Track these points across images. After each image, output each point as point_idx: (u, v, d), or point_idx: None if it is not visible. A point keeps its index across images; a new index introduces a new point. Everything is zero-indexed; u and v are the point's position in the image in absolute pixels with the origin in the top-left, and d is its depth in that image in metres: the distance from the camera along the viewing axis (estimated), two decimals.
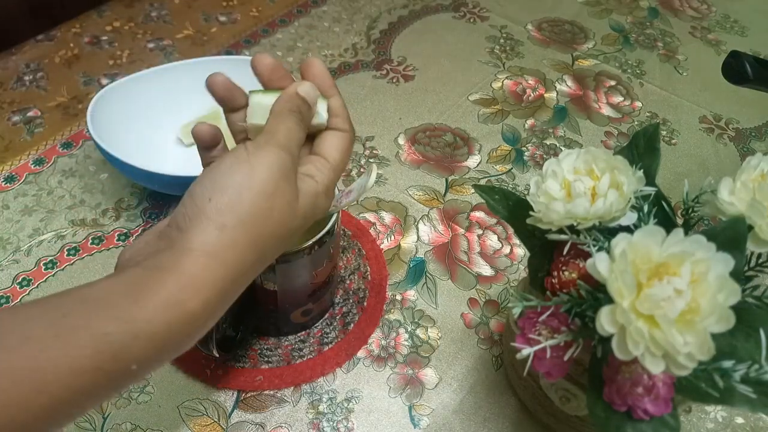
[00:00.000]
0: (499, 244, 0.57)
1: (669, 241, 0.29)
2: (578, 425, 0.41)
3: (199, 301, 0.28)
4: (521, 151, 0.66)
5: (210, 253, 0.28)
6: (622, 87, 0.76)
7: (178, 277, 0.27)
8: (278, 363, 0.48)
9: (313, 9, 0.83)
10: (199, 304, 0.28)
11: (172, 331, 0.27)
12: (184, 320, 0.27)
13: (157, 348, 0.27)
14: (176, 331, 0.27)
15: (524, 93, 0.74)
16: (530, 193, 0.35)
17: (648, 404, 0.30)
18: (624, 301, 0.28)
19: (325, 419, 0.45)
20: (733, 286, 0.27)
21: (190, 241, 0.28)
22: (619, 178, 0.33)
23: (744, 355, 0.30)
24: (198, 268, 0.28)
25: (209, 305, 0.28)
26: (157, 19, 0.79)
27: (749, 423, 0.47)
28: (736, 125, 0.72)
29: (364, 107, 0.69)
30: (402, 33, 0.80)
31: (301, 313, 0.47)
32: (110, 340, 0.25)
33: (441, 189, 0.62)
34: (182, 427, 0.44)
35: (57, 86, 0.69)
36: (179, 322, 0.27)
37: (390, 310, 0.52)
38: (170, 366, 0.47)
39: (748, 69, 0.49)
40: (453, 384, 0.48)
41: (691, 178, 0.65)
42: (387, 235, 0.57)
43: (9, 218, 0.56)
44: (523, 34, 0.82)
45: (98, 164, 0.61)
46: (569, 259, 0.34)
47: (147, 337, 0.26)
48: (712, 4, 0.92)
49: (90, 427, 0.44)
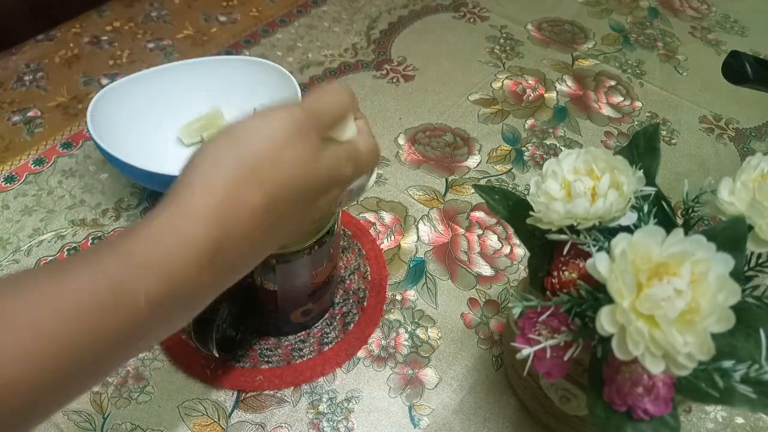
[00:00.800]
0: (499, 244, 0.57)
1: (669, 241, 0.29)
2: (578, 425, 0.42)
3: (195, 225, 0.26)
4: (521, 151, 0.66)
5: (205, 182, 0.27)
6: (622, 87, 0.76)
7: (171, 205, 0.27)
8: (278, 363, 0.48)
9: (313, 9, 0.83)
10: (196, 229, 0.26)
11: (174, 260, 0.26)
12: (183, 246, 0.26)
13: (162, 280, 0.25)
14: (180, 261, 0.26)
15: (524, 93, 0.74)
16: (530, 193, 0.35)
17: (648, 404, 0.30)
18: (624, 301, 0.28)
19: (325, 419, 0.45)
20: (733, 286, 0.27)
21: (187, 176, 0.28)
22: (619, 178, 0.33)
23: (744, 355, 0.30)
24: (191, 194, 0.27)
25: (211, 234, 0.26)
26: (157, 19, 0.79)
27: (749, 423, 0.47)
28: (736, 125, 0.72)
29: (364, 107, 0.69)
30: (402, 33, 0.80)
31: (301, 313, 0.47)
32: (107, 272, 0.24)
33: (441, 189, 0.62)
34: (182, 427, 0.44)
35: (57, 86, 0.69)
36: (178, 247, 0.26)
37: (390, 310, 0.52)
38: (170, 366, 0.47)
39: (748, 69, 0.49)
40: (453, 384, 0.48)
41: (691, 178, 0.65)
42: (387, 235, 0.57)
43: (9, 218, 0.56)
44: (523, 34, 0.82)
45: (98, 164, 0.61)
46: (569, 259, 0.34)
47: (146, 265, 0.25)
48: (712, 4, 0.92)
49: (90, 427, 0.44)
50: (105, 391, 0.45)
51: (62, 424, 0.43)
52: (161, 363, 0.47)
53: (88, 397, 0.45)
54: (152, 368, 0.47)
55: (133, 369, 0.47)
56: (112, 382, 0.46)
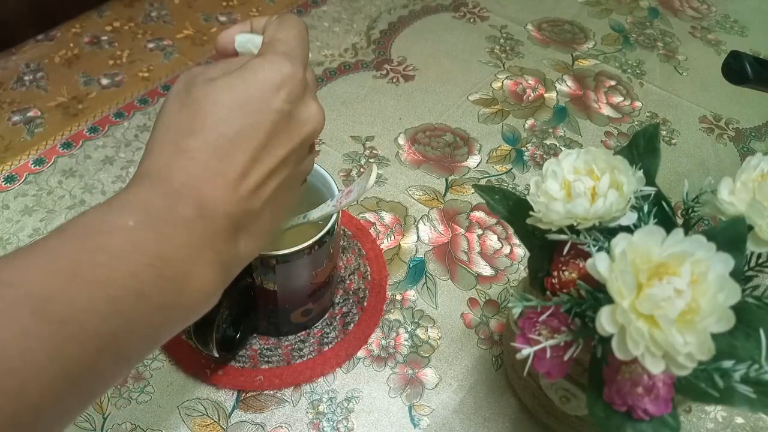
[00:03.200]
0: (499, 244, 0.57)
1: (669, 241, 0.29)
2: (578, 425, 0.41)
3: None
4: (521, 151, 0.66)
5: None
6: (622, 87, 0.76)
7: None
8: (278, 363, 0.48)
9: (313, 9, 0.83)
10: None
11: (143, 199, 0.27)
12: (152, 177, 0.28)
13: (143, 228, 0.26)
14: (154, 202, 0.27)
15: (524, 93, 0.74)
16: (530, 193, 0.35)
17: (648, 404, 0.30)
18: (624, 301, 0.28)
19: (325, 419, 0.45)
20: (733, 286, 0.27)
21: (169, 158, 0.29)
22: (619, 178, 0.33)
23: (744, 355, 0.30)
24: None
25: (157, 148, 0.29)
26: (157, 19, 0.79)
27: (749, 423, 0.47)
28: (736, 125, 0.72)
29: (364, 107, 0.69)
30: (402, 33, 0.80)
31: (301, 313, 0.47)
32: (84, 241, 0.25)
33: (441, 189, 0.62)
34: (182, 427, 0.44)
35: (57, 86, 0.69)
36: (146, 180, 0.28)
37: (390, 310, 0.52)
38: (170, 366, 0.47)
39: (748, 69, 0.49)
40: (453, 384, 0.48)
41: (691, 178, 0.65)
42: (387, 235, 0.57)
43: (9, 218, 0.56)
44: (523, 34, 0.82)
45: (98, 164, 0.61)
46: (569, 259, 0.34)
47: (122, 207, 0.26)
48: (712, 4, 0.92)
49: (90, 427, 0.44)
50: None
51: None
52: (161, 363, 0.47)
53: None
54: (152, 368, 0.47)
55: (133, 369, 0.47)
56: None
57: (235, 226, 0.29)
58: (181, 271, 0.27)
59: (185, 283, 0.27)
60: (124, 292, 0.24)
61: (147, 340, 0.27)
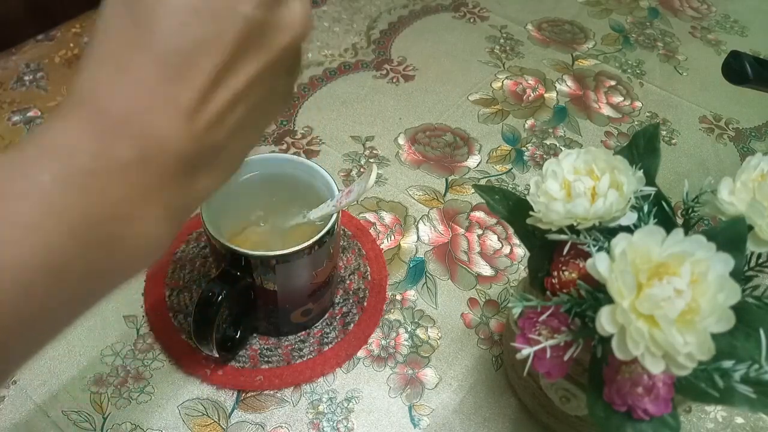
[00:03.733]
0: (499, 244, 0.57)
1: (669, 241, 0.29)
2: (578, 425, 0.42)
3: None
4: (521, 151, 0.66)
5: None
6: (622, 87, 0.76)
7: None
8: (278, 363, 0.48)
9: (313, 9, 0.83)
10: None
11: (68, 141, 0.21)
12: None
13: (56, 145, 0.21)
14: (83, 145, 0.21)
15: (524, 93, 0.74)
16: (530, 193, 0.35)
17: (648, 404, 0.30)
18: (624, 301, 0.28)
19: (325, 419, 0.45)
20: (733, 286, 0.27)
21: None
22: (619, 178, 0.33)
23: (744, 355, 0.30)
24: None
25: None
26: None
27: (749, 423, 0.47)
28: (736, 125, 0.72)
29: (364, 107, 0.69)
30: (402, 33, 0.80)
31: (301, 313, 0.47)
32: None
33: (441, 189, 0.62)
34: (182, 427, 0.44)
35: (57, 86, 0.69)
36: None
37: (390, 310, 0.52)
38: (170, 366, 0.47)
39: (748, 69, 0.49)
40: (453, 384, 0.48)
41: (691, 178, 0.65)
42: (387, 235, 0.57)
43: None
44: (523, 34, 0.82)
45: None
46: (569, 259, 0.34)
47: (39, 153, 0.21)
48: (712, 4, 0.92)
49: (90, 427, 0.44)
50: (105, 391, 0.45)
51: (62, 424, 0.43)
52: (161, 363, 0.47)
53: (88, 397, 0.45)
54: (152, 368, 0.47)
55: (133, 369, 0.47)
56: (113, 382, 0.46)
57: (192, 167, 0.24)
58: (115, 233, 0.22)
59: (120, 247, 0.22)
60: (39, 274, 0.20)
61: (72, 312, 0.23)
